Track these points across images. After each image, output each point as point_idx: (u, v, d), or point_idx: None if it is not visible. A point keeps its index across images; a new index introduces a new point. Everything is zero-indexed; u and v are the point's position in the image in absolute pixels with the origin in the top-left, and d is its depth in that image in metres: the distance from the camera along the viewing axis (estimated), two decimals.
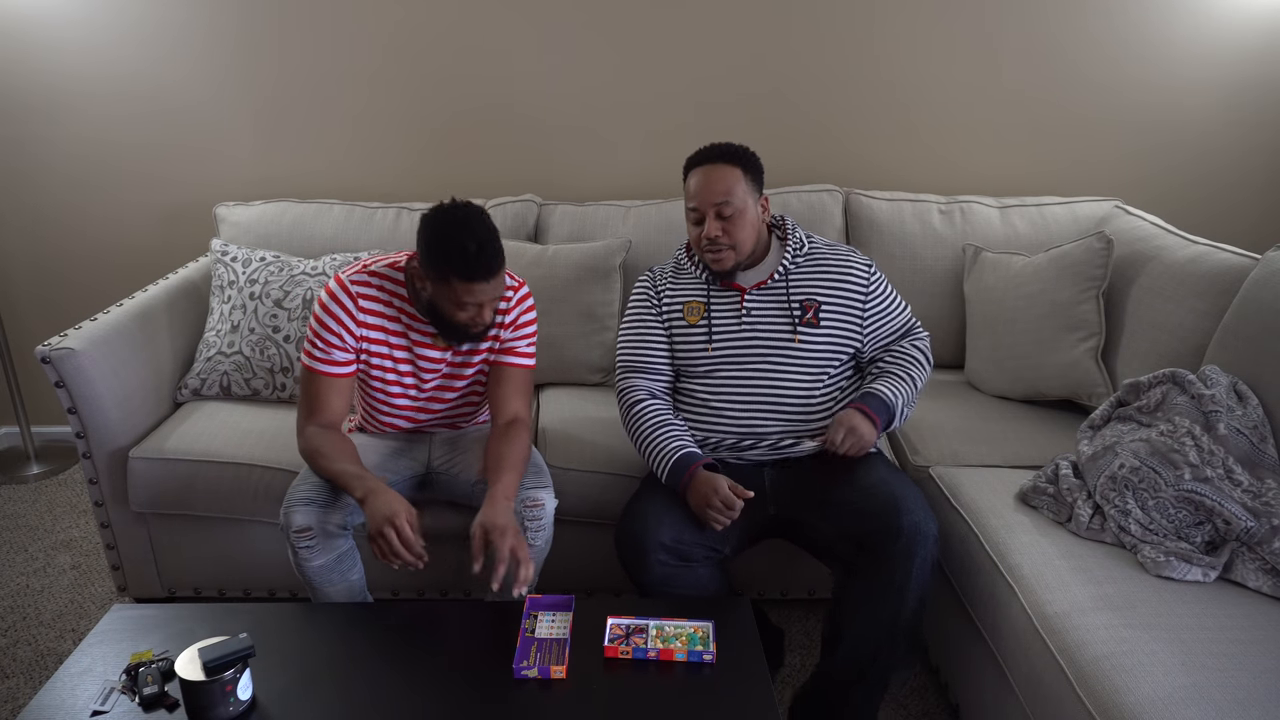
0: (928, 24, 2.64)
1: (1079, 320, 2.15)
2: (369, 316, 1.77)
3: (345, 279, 1.77)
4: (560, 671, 1.44)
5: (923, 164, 2.80)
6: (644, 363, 1.93)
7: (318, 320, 1.76)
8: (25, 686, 2.04)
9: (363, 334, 1.78)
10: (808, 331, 1.86)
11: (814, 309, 1.87)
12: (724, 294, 1.90)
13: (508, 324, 1.84)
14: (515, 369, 1.87)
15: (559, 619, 1.58)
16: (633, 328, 1.96)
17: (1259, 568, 1.52)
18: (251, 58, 2.70)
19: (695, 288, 1.92)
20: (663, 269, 1.99)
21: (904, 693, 2.01)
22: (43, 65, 2.71)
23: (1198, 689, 1.28)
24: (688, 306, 1.91)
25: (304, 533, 1.71)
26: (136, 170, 2.83)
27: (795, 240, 1.91)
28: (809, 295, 1.88)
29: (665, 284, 1.96)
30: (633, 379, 1.92)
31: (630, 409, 1.89)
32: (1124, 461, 1.66)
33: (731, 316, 1.88)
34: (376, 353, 1.80)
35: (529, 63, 2.70)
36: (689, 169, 1.86)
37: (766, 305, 1.88)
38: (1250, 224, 2.87)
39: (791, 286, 1.88)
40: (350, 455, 1.73)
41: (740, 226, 1.81)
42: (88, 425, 2.08)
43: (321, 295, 1.77)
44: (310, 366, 1.77)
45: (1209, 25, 2.64)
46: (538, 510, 1.78)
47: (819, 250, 1.93)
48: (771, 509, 1.82)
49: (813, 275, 1.90)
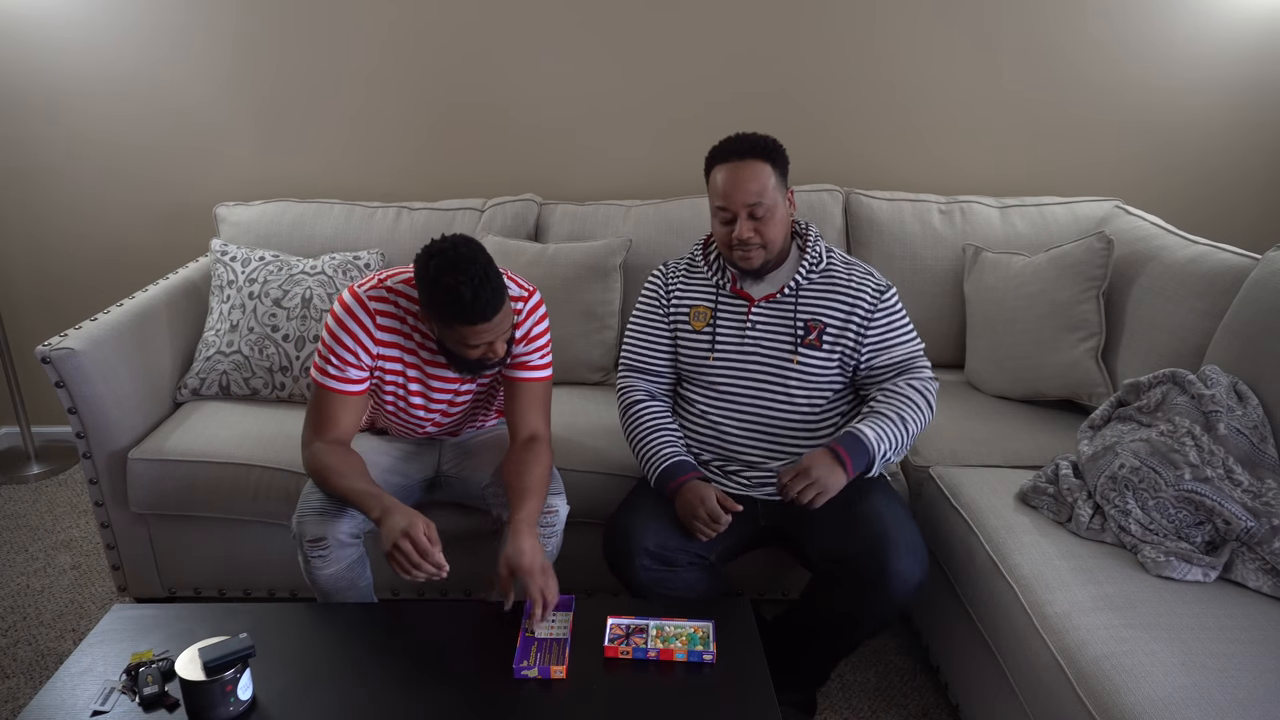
0: (928, 24, 2.64)
1: (1079, 320, 2.15)
2: (385, 335, 1.70)
3: (362, 295, 1.69)
4: (560, 671, 1.44)
5: (923, 164, 2.80)
6: (646, 364, 1.92)
7: (332, 335, 1.69)
8: (25, 686, 2.04)
9: (379, 352, 1.71)
10: (808, 353, 1.79)
11: (818, 330, 1.79)
12: (732, 301, 1.85)
13: (520, 338, 1.76)
14: (530, 383, 1.78)
15: (559, 619, 1.57)
16: (639, 328, 1.93)
17: (1259, 568, 1.52)
18: (251, 58, 2.70)
19: (705, 290, 1.88)
20: (676, 264, 1.94)
21: (904, 692, 2.02)
22: (43, 65, 2.71)
23: (1198, 689, 1.28)
24: (694, 310, 1.87)
25: (318, 543, 1.69)
26: (136, 170, 2.83)
27: (813, 254, 1.82)
28: (815, 315, 1.80)
29: (677, 281, 1.91)
30: (633, 379, 1.92)
31: (628, 409, 1.89)
32: (1124, 461, 1.66)
33: (736, 327, 1.84)
34: (391, 369, 1.74)
35: (529, 62, 2.70)
36: (714, 163, 1.77)
37: (772, 320, 1.82)
38: (1250, 224, 2.87)
39: (800, 303, 1.81)
40: (361, 472, 1.67)
41: (772, 225, 1.74)
42: (88, 425, 2.08)
43: (336, 309, 1.69)
44: (323, 384, 1.70)
45: (1209, 26, 2.64)
46: (551, 517, 1.77)
47: (835, 268, 1.84)
48: (762, 521, 1.82)
49: (823, 294, 1.81)
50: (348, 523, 1.71)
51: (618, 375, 1.96)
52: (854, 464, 1.67)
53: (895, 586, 1.61)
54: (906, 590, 1.62)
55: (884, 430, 1.71)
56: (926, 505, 1.96)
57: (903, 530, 1.66)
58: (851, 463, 1.67)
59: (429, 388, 1.78)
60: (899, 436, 1.72)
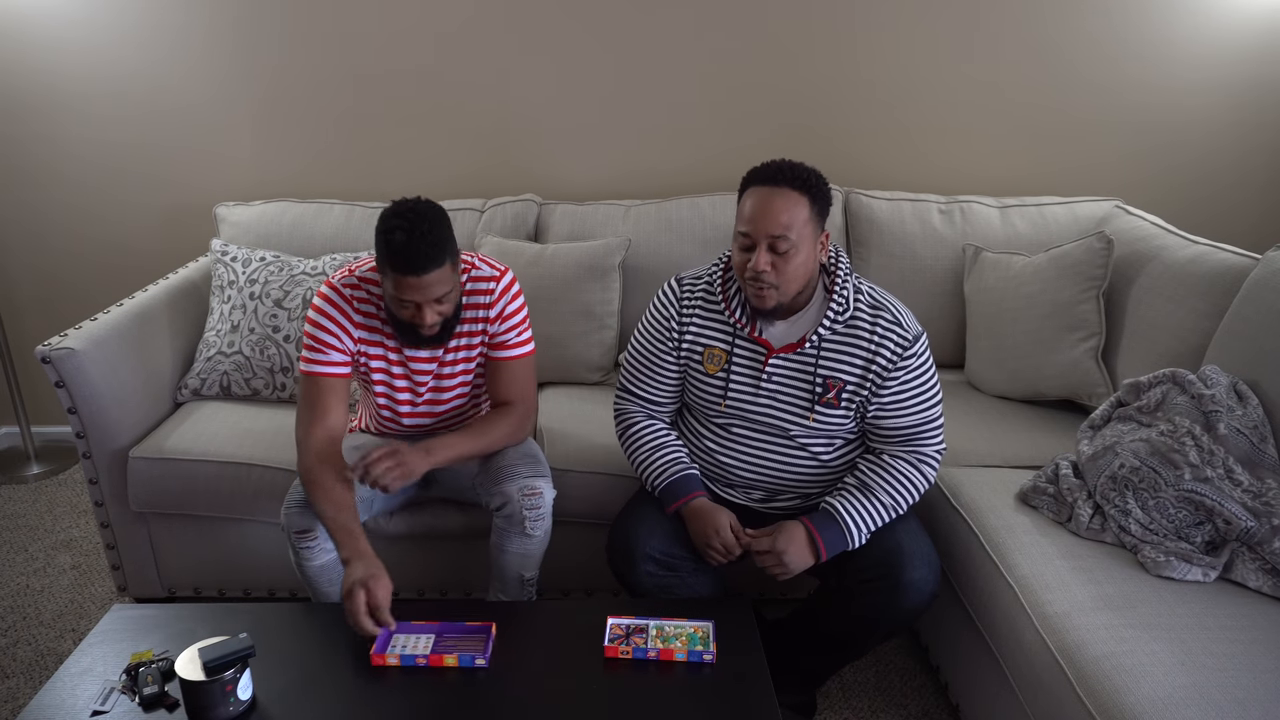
0: (928, 24, 2.64)
1: (1079, 320, 2.15)
2: (363, 319, 1.77)
3: (337, 283, 1.76)
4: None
5: (923, 163, 2.79)
6: (649, 394, 1.82)
7: (313, 324, 1.75)
8: (25, 686, 2.04)
9: (360, 336, 1.77)
10: (825, 411, 1.68)
11: (838, 389, 1.66)
12: (750, 347, 1.69)
13: (493, 318, 1.80)
14: (509, 361, 1.83)
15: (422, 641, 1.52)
16: (646, 357, 1.79)
17: (1259, 568, 1.52)
18: (252, 57, 2.70)
19: (722, 330, 1.71)
20: (693, 290, 1.75)
21: (904, 692, 2.02)
22: (43, 65, 2.71)
23: (1198, 689, 1.28)
24: (709, 352, 1.72)
25: (305, 534, 1.71)
26: (137, 170, 2.83)
27: (840, 300, 1.64)
28: (835, 373, 1.65)
29: (692, 315, 1.74)
30: (631, 404, 1.85)
31: (627, 429, 1.83)
32: (1124, 461, 1.66)
33: (751, 377, 1.70)
34: (375, 354, 1.79)
35: (530, 62, 2.70)
36: (749, 184, 1.61)
37: (789, 374, 1.68)
38: (1250, 224, 2.87)
39: (821, 358, 1.66)
40: (345, 505, 1.66)
41: (792, 264, 1.57)
42: (88, 425, 2.08)
43: (316, 301, 1.76)
44: (308, 371, 1.76)
45: (1209, 25, 2.64)
46: (535, 499, 1.77)
47: (861, 316, 1.65)
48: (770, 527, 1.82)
49: (845, 347, 1.65)
50: None
51: (616, 397, 1.88)
52: (828, 552, 1.64)
53: (909, 597, 1.61)
54: (921, 600, 1.63)
55: (870, 518, 1.65)
56: (926, 506, 1.96)
57: (917, 541, 1.66)
58: (826, 552, 1.64)
59: (411, 370, 1.82)
60: (882, 520, 1.67)
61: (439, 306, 1.65)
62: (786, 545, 1.63)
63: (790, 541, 1.63)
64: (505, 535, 1.82)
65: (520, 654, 1.51)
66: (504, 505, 1.79)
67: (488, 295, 1.79)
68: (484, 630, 1.53)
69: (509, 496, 1.77)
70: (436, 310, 1.65)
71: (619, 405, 1.87)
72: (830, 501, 1.67)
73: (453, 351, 1.83)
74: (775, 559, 1.63)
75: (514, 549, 1.82)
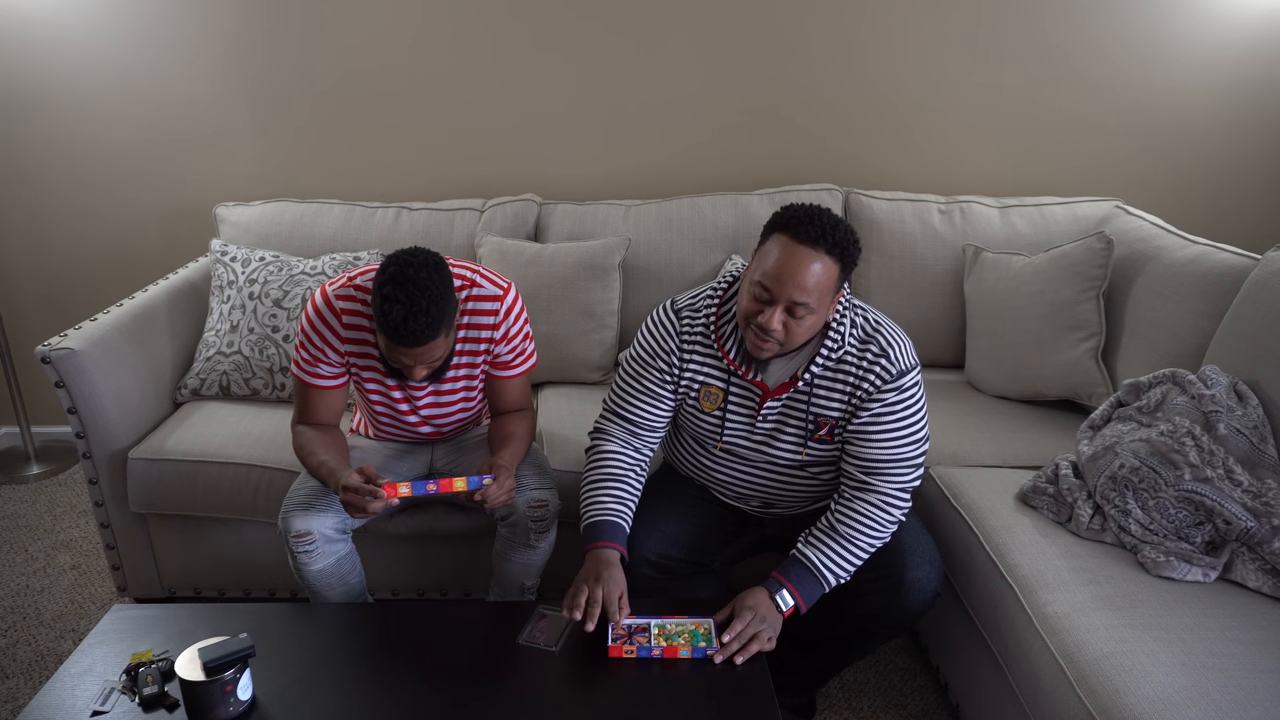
0: (928, 24, 2.64)
1: (1079, 320, 2.15)
2: (353, 333, 1.72)
3: (330, 294, 1.70)
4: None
5: (923, 163, 2.79)
6: (637, 418, 1.74)
7: (304, 334, 1.73)
8: (25, 686, 2.04)
9: (348, 350, 1.74)
10: (817, 446, 1.68)
11: (829, 425, 1.64)
12: (745, 389, 1.67)
13: (499, 339, 1.76)
14: (511, 380, 1.84)
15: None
16: (640, 383, 1.72)
17: (1259, 568, 1.52)
18: (251, 57, 2.70)
19: (718, 371, 1.68)
20: (692, 324, 1.68)
21: (904, 692, 2.02)
22: (43, 65, 2.71)
23: (1198, 689, 1.28)
24: (705, 390, 1.69)
25: (303, 538, 1.70)
26: (136, 170, 2.83)
27: (834, 339, 1.60)
28: (825, 410, 1.64)
29: (692, 353, 1.68)
30: (615, 425, 1.76)
31: (595, 454, 1.76)
32: (1124, 461, 1.66)
33: (746, 418, 1.69)
34: (366, 365, 1.76)
35: (530, 62, 2.70)
36: (778, 229, 1.51)
37: (784, 414, 1.67)
38: (1250, 224, 2.87)
39: (814, 398, 1.63)
40: (335, 447, 1.73)
41: (804, 326, 1.52)
42: (88, 425, 2.08)
43: (308, 308, 1.72)
44: (299, 376, 1.77)
45: (1209, 25, 2.64)
46: (541, 511, 1.78)
47: (851, 350, 1.61)
48: (769, 531, 1.82)
49: (836, 386, 1.62)
50: (332, 517, 1.72)
51: (599, 416, 1.79)
52: (805, 603, 1.59)
53: (912, 596, 1.61)
54: (923, 600, 1.62)
55: (845, 569, 1.60)
56: (926, 505, 1.96)
57: (919, 540, 1.66)
58: (804, 607, 1.59)
59: (408, 385, 1.81)
60: (852, 569, 1.62)
61: (432, 365, 1.64)
62: (751, 633, 1.51)
63: (754, 629, 1.52)
64: (509, 545, 1.82)
65: (521, 656, 1.51)
66: (509, 515, 1.79)
67: (492, 316, 1.74)
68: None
69: (515, 509, 1.77)
70: (429, 365, 1.63)
71: (600, 425, 1.78)
72: (801, 550, 1.63)
73: (454, 369, 1.79)
74: (749, 641, 1.51)
75: (518, 559, 1.83)
